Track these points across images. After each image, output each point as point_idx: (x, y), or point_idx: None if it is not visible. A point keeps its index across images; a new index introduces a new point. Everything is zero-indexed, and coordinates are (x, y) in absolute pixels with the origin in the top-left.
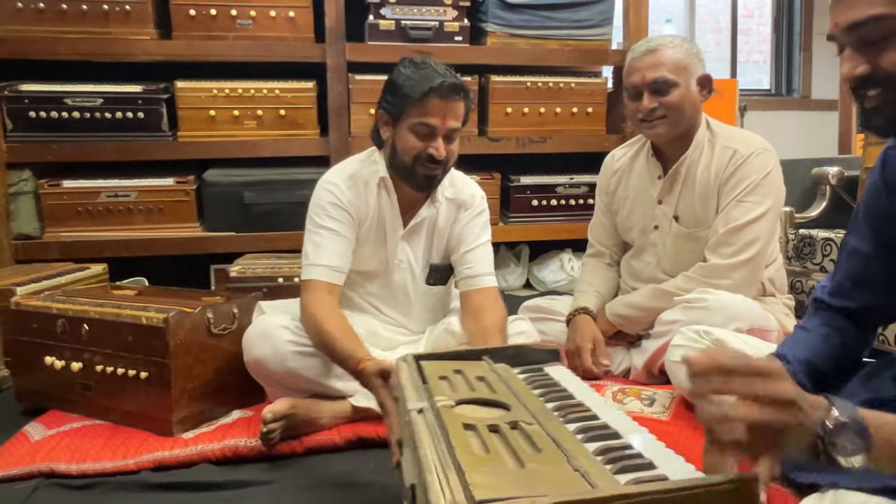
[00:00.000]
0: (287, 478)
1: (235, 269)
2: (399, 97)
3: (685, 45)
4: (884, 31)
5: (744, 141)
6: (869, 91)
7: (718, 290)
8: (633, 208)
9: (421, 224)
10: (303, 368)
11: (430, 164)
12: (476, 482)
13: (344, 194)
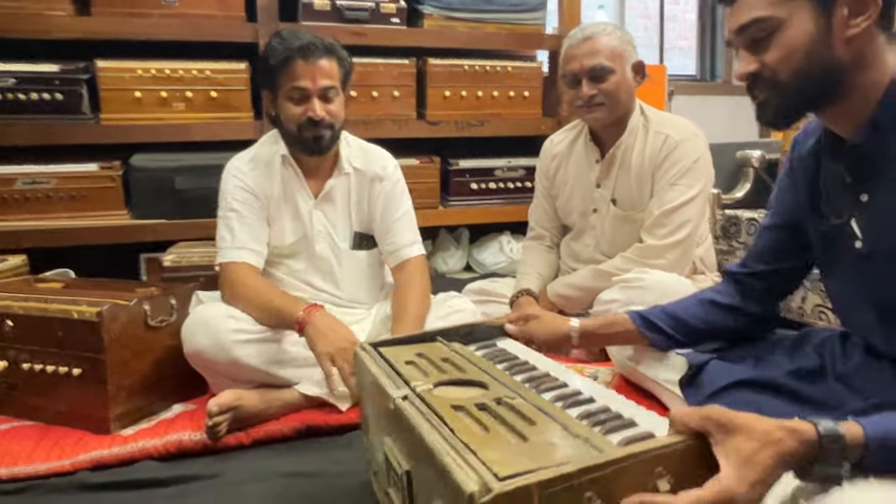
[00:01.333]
0: (234, 471)
1: (169, 258)
2: (268, 70)
3: (619, 33)
4: (767, 31)
5: (675, 126)
6: (757, 87)
7: (654, 270)
8: (572, 192)
9: (332, 193)
10: (248, 357)
11: (313, 126)
12: (491, 459)
13: (248, 176)
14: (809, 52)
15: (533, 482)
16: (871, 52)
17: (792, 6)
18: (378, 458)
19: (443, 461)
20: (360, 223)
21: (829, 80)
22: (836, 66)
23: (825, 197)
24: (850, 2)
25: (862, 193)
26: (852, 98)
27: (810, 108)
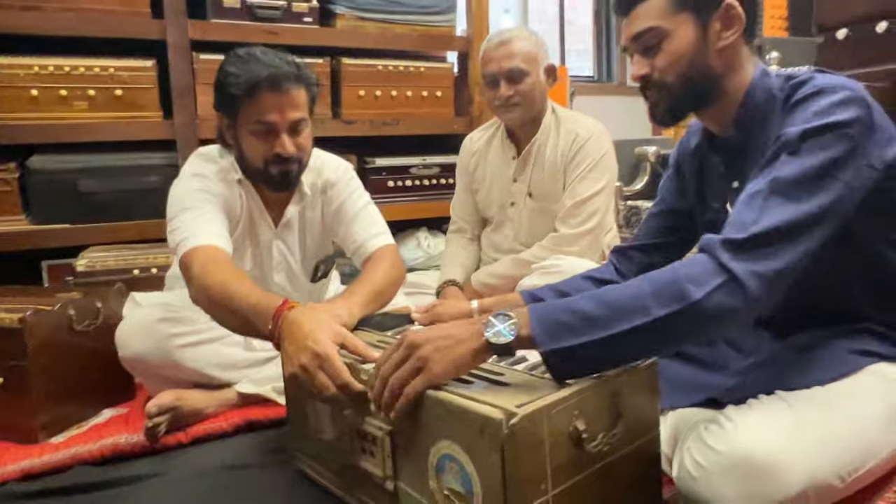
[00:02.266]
0: (175, 469)
1: (82, 263)
2: (229, 98)
3: (533, 38)
4: (657, 39)
5: (583, 125)
6: (650, 89)
7: (568, 257)
8: (491, 187)
9: (291, 222)
10: (188, 360)
11: (282, 163)
12: (495, 399)
13: (216, 186)
14: (691, 59)
15: (542, 406)
16: (738, 61)
17: (677, 19)
18: (327, 436)
19: (459, 404)
20: (317, 245)
21: (705, 84)
22: (711, 72)
23: (708, 187)
24: (721, 17)
25: (734, 181)
26: (723, 100)
27: (692, 109)
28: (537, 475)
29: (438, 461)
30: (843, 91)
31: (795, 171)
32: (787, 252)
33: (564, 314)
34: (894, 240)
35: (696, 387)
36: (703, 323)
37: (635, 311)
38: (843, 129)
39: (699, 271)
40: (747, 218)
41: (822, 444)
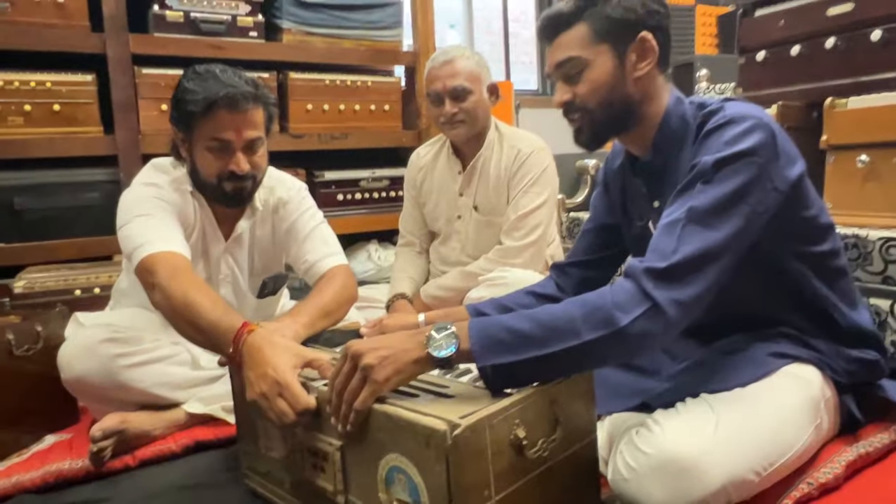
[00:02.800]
0: (125, 492)
1: (20, 284)
2: (185, 114)
3: (476, 58)
4: (578, 68)
5: (525, 140)
6: (572, 115)
7: (513, 269)
8: (438, 201)
9: (242, 237)
10: (134, 381)
11: (236, 180)
12: (440, 411)
13: (170, 195)
14: (610, 88)
15: (484, 416)
16: (654, 89)
17: (596, 50)
18: (278, 454)
19: (405, 417)
20: (265, 264)
21: (624, 110)
22: (629, 99)
23: (632, 204)
24: (637, 50)
25: (654, 201)
26: (642, 125)
27: (613, 134)
28: (481, 482)
29: (387, 474)
30: (750, 120)
31: (709, 199)
32: (704, 278)
33: (502, 332)
34: (801, 252)
35: (631, 392)
36: (628, 346)
37: (567, 333)
38: (751, 157)
39: (625, 299)
40: (667, 247)
41: (739, 442)
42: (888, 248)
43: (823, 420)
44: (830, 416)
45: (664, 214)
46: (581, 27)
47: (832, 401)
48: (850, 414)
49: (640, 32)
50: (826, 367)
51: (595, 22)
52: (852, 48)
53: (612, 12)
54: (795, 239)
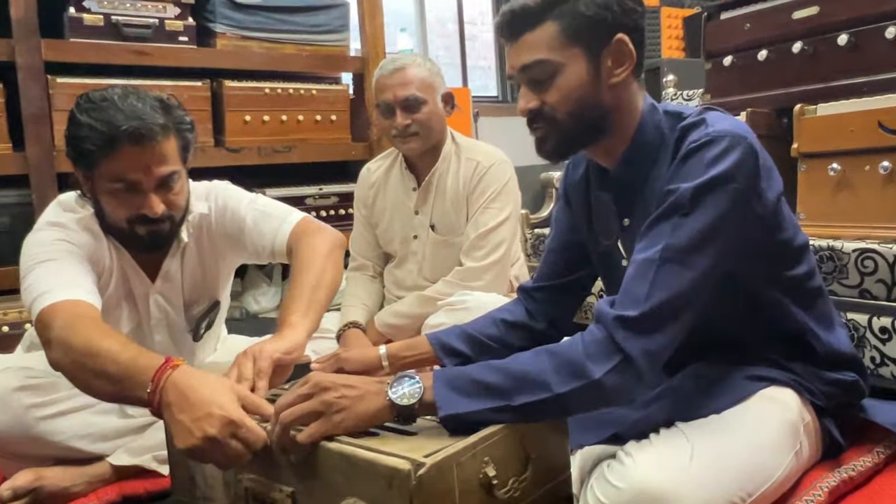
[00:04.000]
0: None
1: None
2: (83, 153)
3: (428, 65)
4: (548, 73)
5: (484, 153)
6: (536, 124)
7: (475, 292)
8: (392, 220)
9: (170, 273)
10: (52, 433)
11: (151, 223)
12: (403, 449)
13: (79, 236)
14: (582, 95)
15: (450, 454)
16: (628, 98)
17: (569, 54)
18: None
19: (364, 457)
20: (201, 293)
21: (597, 120)
22: (603, 108)
23: (598, 221)
24: (613, 54)
25: (624, 218)
26: (614, 136)
27: (582, 146)
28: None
29: None
30: (727, 137)
31: (686, 236)
32: (677, 324)
33: (468, 384)
34: (776, 277)
35: (603, 423)
36: (601, 397)
37: (537, 386)
38: (730, 184)
39: (595, 350)
40: (640, 291)
41: (716, 472)
42: (863, 260)
43: (803, 445)
44: (811, 441)
45: (638, 247)
46: (550, 26)
47: (812, 425)
48: (831, 438)
49: (617, 34)
50: (804, 390)
51: (566, 20)
52: (820, 52)
53: (585, 10)
54: (770, 263)
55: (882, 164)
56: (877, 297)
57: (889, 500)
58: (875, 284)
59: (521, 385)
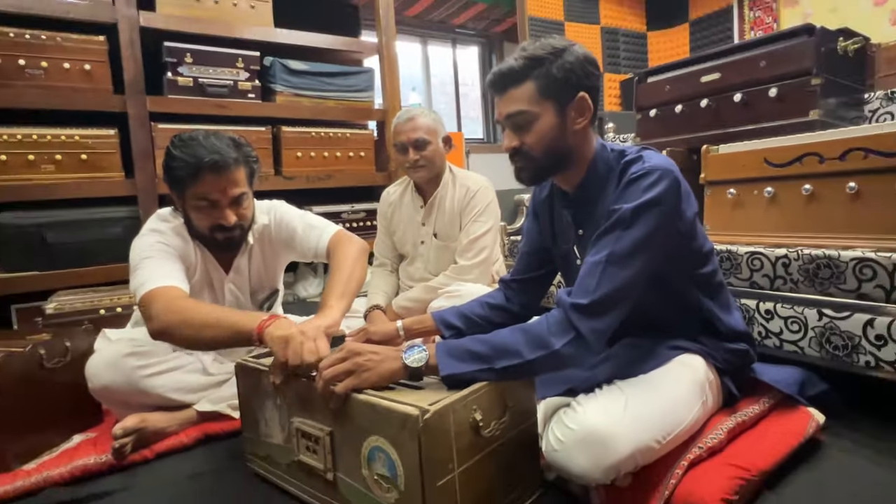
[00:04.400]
0: (143, 482)
1: (52, 306)
2: (176, 179)
3: (433, 115)
4: (527, 120)
5: (473, 180)
6: (517, 158)
7: (466, 283)
8: (405, 230)
9: (240, 268)
10: (152, 388)
11: (226, 231)
12: (413, 399)
13: (172, 239)
14: (553, 138)
15: (448, 403)
16: (585, 140)
17: (543, 106)
18: (276, 440)
19: (384, 405)
20: (264, 283)
21: (563, 156)
22: (567, 147)
23: (558, 230)
24: (576, 108)
25: (579, 229)
26: (574, 168)
27: (550, 175)
28: (446, 457)
29: (369, 453)
30: (658, 170)
31: (625, 245)
32: (617, 311)
33: (462, 353)
34: (690, 274)
35: (561, 381)
36: (559, 363)
37: (512, 354)
38: (658, 204)
39: (556, 328)
40: (590, 285)
41: (643, 417)
42: (752, 260)
43: (708, 397)
44: (714, 394)
45: (590, 252)
46: (529, 84)
47: (715, 382)
48: (729, 392)
49: (579, 92)
50: (709, 357)
51: (541, 81)
52: (721, 107)
53: (556, 73)
54: (686, 264)
55: (766, 189)
56: (763, 288)
57: (771, 436)
58: (762, 278)
59: (501, 353)
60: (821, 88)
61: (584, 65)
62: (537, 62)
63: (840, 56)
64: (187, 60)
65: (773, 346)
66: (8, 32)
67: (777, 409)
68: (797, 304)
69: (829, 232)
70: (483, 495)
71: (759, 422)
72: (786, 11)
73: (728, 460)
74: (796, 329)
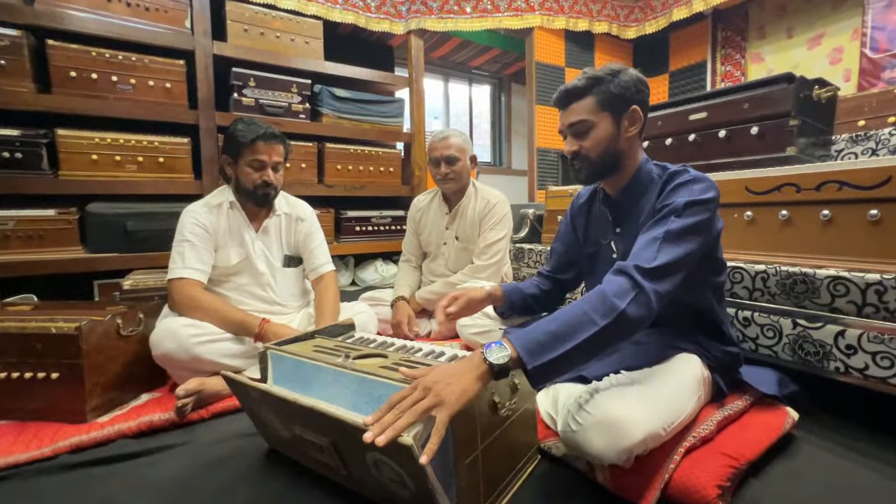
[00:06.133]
0: (200, 438)
1: (128, 283)
2: (235, 144)
3: (463, 136)
4: (586, 128)
5: (493, 195)
6: (575, 161)
7: (481, 280)
8: (431, 232)
9: (268, 228)
10: (205, 354)
11: (266, 187)
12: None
13: (202, 216)
14: (608, 144)
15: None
16: (635, 148)
17: (601, 116)
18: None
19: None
20: (288, 248)
21: (615, 161)
22: (619, 153)
23: (595, 229)
24: (629, 118)
25: (617, 227)
26: (622, 173)
27: (603, 177)
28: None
29: (374, 463)
30: (707, 181)
31: (679, 226)
32: (673, 279)
33: (539, 335)
34: (709, 282)
35: None
36: (628, 325)
37: (586, 324)
38: (709, 205)
39: (619, 289)
40: (649, 255)
41: (653, 406)
42: (733, 274)
43: (703, 392)
44: (706, 389)
45: (643, 234)
46: (590, 98)
47: (707, 379)
48: (718, 388)
49: (632, 106)
50: (704, 356)
51: (600, 96)
52: (707, 142)
53: (613, 89)
54: (709, 270)
55: (746, 213)
56: (742, 298)
57: (754, 429)
58: (742, 290)
59: (575, 328)
60: (797, 129)
61: (637, 83)
62: (597, 81)
63: (814, 102)
64: (251, 84)
65: (748, 350)
66: (104, 53)
67: (757, 405)
68: (773, 313)
69: (803, 253)
70: (497, 468)
71: (742, 415)
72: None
73: (719, 449)
74: (771, 336)
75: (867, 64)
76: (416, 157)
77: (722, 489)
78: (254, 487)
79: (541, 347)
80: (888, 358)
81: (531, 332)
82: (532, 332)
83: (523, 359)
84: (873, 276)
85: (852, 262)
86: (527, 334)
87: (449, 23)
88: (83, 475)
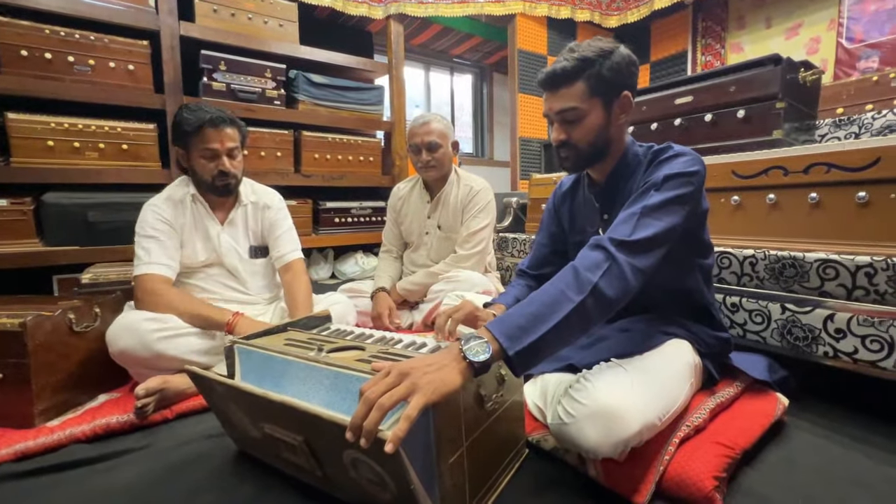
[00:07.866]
0: (162, 440)
1: (87, 277)
2: (182, 134)
3: (445, 121)
4: (575, 116)
5: (475, 181)
6: (563, 150)
7: (464, 270)
8: (412, 221)
9: (234, 220)
10: (169, 350)
11: (224, 177)
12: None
13: (164, 211)
14: (598, 132)
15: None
16: (623, 133)
17: (591, 102)
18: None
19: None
20: (255, 239)
21: (604, 149)
22: (608, 140)
23: (581, 216)
24: (620, 105)
25: (604, 213)
26: (609, 159)
27: (590, 165)
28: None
29: (351, 462)
30: (692, 155)
31: (658, 200)
32: (652, 255)
33: (518, 318)
34: (696, 264)
35: (556, 358)
36: (605, 303)
37: (561, 302)
38: (691, 178)
39: (592, 262)
40: (626, 230)
41: (648, 395)
42: (721, 259)
43: (695, 379)
44: (698, 376)
45: (622, 211)
46: (580, 84)
47: (699, 366)
48: (709, 374)
49: (624, 91)
50: (695, 342)
51: (591, 80)
52: (692, 126)
53: (605, 73)
54: (695, 253)
55: (733, 197)
56: (730, 283)
57: (746, 416)
58: (730, 275)
59: (552, 307)
60: (784, 112)
61: (629, 65)
62: (588, 63)
63: (800, 85)
64: (221, 68)
65: (736, 336)
66: (59, 31)
67: (748, 391)
68: (762, 298)
69: (791, 237)
70: (484, 466)
71: (733, 402)
72: (732, 56)
73: (713, 438)
74: (760, 321)
75: (843, 54)
76: (397, 147)
77: (718, 480)
78: (221, 493)
79: (521, 331)
80: (877, 341)
81: (509, 317)
82: (510, 317)
83: (504, 346)
84: (863, 258)
85: (841, 245)
86: (505, 320)
87: (429, 8)
88: (29, 485)
